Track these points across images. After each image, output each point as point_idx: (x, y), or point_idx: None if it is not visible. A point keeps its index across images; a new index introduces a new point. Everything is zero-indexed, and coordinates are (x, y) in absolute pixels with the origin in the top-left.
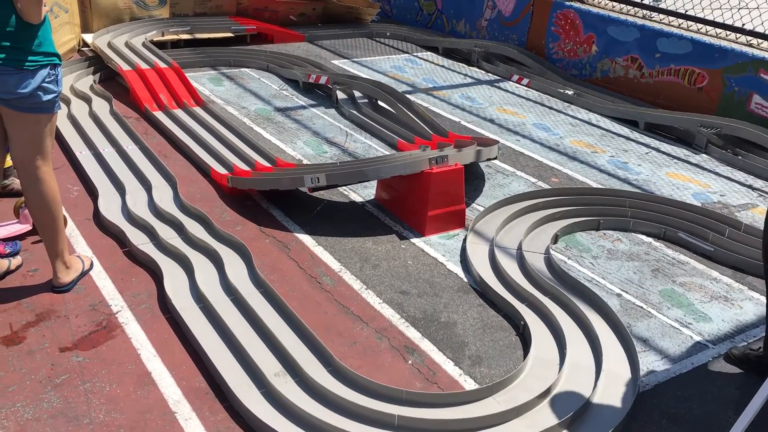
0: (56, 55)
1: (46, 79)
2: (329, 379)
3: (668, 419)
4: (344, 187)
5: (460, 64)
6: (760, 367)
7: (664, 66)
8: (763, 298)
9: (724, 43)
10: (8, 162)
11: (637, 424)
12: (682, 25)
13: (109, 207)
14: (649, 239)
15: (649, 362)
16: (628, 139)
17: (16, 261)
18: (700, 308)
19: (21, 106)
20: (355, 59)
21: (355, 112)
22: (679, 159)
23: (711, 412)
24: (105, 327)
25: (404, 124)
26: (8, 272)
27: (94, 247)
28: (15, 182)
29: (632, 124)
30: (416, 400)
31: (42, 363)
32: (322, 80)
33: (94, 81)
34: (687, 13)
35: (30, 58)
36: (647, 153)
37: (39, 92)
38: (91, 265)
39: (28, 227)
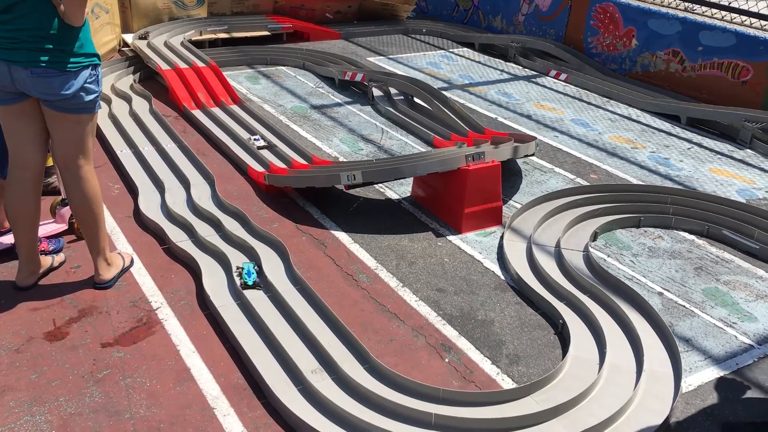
0: (96, 55)
1: (88, 80)
2: (366, 377)
3: (712, 421)
4: (380, 185)
5: (497, 59)
6: None
7: (707, 59)
8: None
9: None
10: (50, 160)
11: (680, 426)
12: (725, 18)
13: (149, 205)
14: (692, 237)
15: (692, 362)
16: (669, 134)
17: (59, 258)
18: (745, 307)
19: (63, 106)
20: (391, 56)
21: (390, 109)
22: (722, 154)
23: (756, 414)
24: (145, 323)
25: (440, 120)
26: (51, 269)
27: (134, 244)
28: (56, 180)
29: (674, 119)
30: (453, 399)
31: (84, 358)
32: (358, 77)
33: (134, 80)
34: (730, 5)
35: (72, 59)
36: (689, 148)
37: (81, 93)
38: (132, 261)
39: (64, 227)
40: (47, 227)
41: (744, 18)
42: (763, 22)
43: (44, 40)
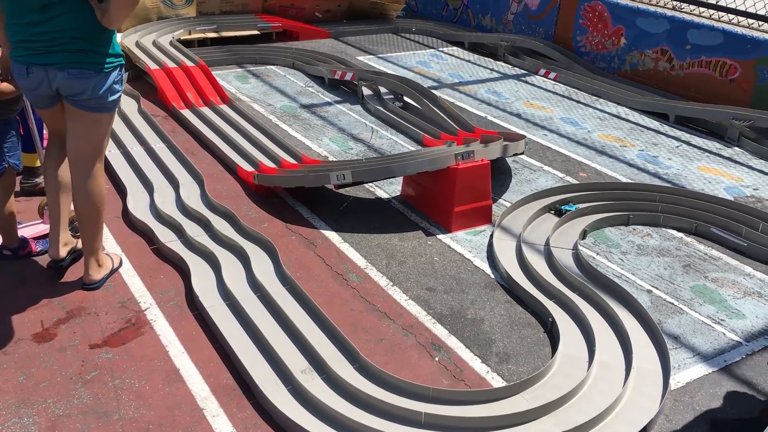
0: (122, 55)
1: (115, 80)
2: (356, 376)
3: (700, 418)
4: (370, 184)
5: (487, 58)
6: None
7: (695, 58)
8: None
9: (756, 34)
10: (37, 161)
11: (669, 422)
12: (713, 16)
13: (138, 205)
14: (680, 234)
15: (681, 359)
16: (657, 132)
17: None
18: (733, 304)
19: (88, 105)
20: (381, 55)
21: (380, 108)
22: (710, 152)
23: (744, 411)
24: (134, 324)
25: (430, 119)
26: (75, 252)
27: (123, 245)
28: (42, 182)
29: (662, 117)
30: (443, 398)
31: (72, 359)
32: (348, 77)
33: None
34: (718, 3)
35: (107, 60)
36: (678, 146)
37: (107, 93)
38: (121, 262)
39: None
40: (35, 228)
41: (731, 16)
42: (750, 21)
43: (81, 42)
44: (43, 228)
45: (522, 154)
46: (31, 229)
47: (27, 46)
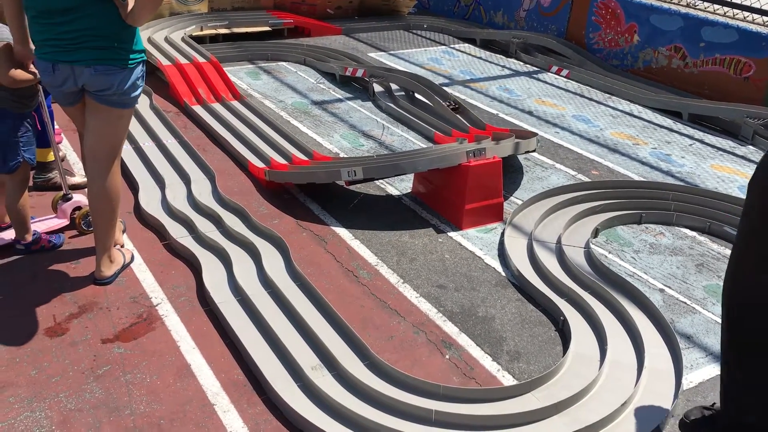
0: (145, 51)
1: (139, 76)
2: (366, 373)
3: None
4: (381, 181)
5: (498, 55)
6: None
7: (709, 55)
8: None
9: None
10: (50, 156)
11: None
12: (727, 13)
13: (150, 200)
14: (693, 233)
15: (693, 359)
16: (671, 130)
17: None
18: None
19: (112, 100)
20: (392, 52)
21: (392, 104)
22: (724, 151)
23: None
24: (145, 319)
25: (441, 116)
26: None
27: (134, 240)
28: (57, 176)
29: (675, 115)
30: (454, 396)
31: (84, 354)
32: (359, 73)
33: None
34: (733, 0)
35: (131, 56)
36: (691, 145)
37: (131, 89)
38: (132, 257)
39: (65, 222)
40: (49, 222)
41: (746, 14)
42: (765, 18)
43: (107, 39)
44: (57, 222)
45: (534, 151)
46: (44, 224)
47: (53, 44)
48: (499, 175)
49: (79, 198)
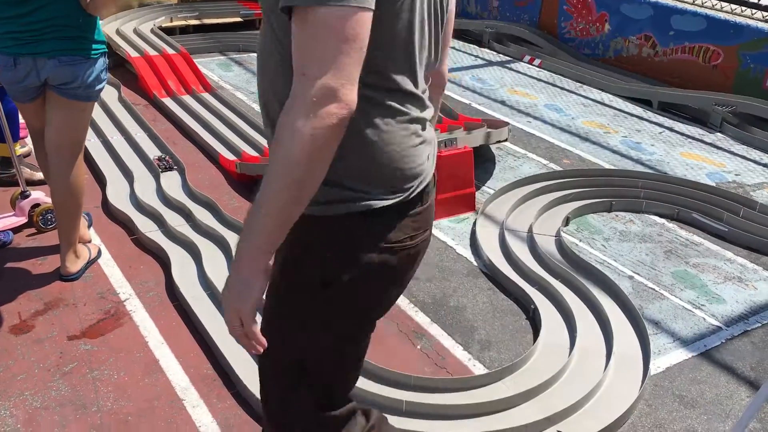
0: (106, 43)
1: (102, 68)
2: None
3: (680, 402)
4: None
5: (471, 45)
6: None
7: (678, 44)
8: None
9: (739, 20)
10: (16, 151)
11: (649, 407)
12: (696, 2)
13: (117, 194)
14: (662, 220)
15: (661, 345)
16: (641, 119)
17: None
18: (714, 290)
19: (76, 93)
20: None
21: None
22: (693, 138)
23: (723, 395)
24: (113, 315)
25: None
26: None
27: (102, 235)
28: (26, 172)
29: (645, 103)
30: (425, 386)
31: (50, 351)
32: None
33: None
34: None
35: (94, 46)
36: (661, 133)
37: (95, 81)
38: (99, 253)
39: (23, 220)
40: (7, 220)
41: (714, 2)
42: (733, 6)
43: (69, 29)
44: (15, 220)
45: (506, 141)
46: (1, 222)
47: (14, 36)
48: (470, 165)
49: (38, 195)
